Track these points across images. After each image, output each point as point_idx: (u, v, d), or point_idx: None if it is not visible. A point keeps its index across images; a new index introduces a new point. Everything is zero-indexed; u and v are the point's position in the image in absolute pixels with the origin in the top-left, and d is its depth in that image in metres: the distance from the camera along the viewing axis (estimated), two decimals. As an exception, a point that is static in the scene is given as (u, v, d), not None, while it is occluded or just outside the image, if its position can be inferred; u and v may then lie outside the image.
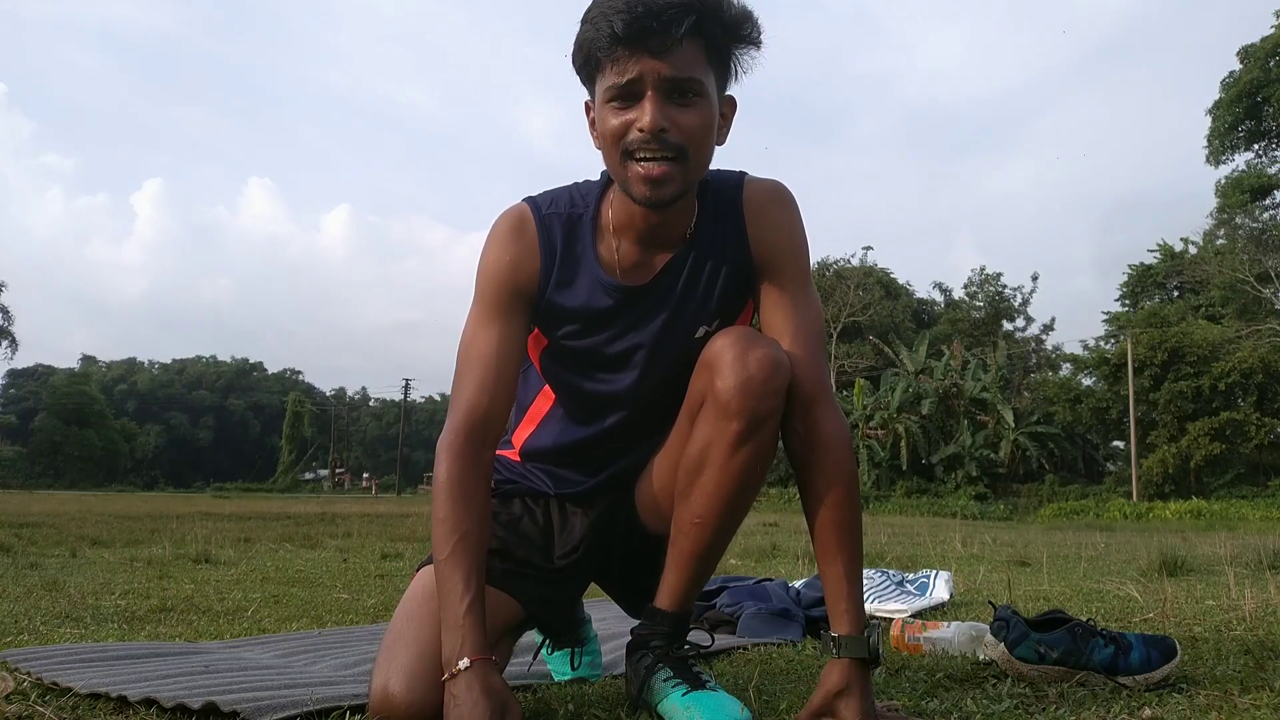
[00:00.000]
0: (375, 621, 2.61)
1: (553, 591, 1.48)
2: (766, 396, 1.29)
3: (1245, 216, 32.32)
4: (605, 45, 1.24)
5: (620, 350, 1.43)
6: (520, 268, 1.40)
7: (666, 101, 1.25)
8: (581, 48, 1.29)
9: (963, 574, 4.13)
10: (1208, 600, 3.02)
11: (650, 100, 1.25)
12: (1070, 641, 1.66)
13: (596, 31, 1.24)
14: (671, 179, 1.27)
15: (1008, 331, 38.29)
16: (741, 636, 2.28)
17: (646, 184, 1.27)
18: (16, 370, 70.77)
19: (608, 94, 1.27)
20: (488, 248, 1.42)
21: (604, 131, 1.29)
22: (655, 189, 1.27)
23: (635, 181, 1.28)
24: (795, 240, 1.44)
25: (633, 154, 1.27)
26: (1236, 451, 25.70)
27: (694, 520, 1.37)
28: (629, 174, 1.28)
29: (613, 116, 1.27)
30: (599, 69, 1.28)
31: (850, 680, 1.27)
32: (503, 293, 1.39)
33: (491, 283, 1.40)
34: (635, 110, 1.26)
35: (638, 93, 1.25)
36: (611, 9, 1.23)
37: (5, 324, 49.60)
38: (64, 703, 1.44)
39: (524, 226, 1.41)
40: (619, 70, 1.25)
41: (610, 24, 1.22)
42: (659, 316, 1.41)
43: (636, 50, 1.23)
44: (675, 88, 1.25)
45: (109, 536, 6.48)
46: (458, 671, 1.18)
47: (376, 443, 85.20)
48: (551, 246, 1.40)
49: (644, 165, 1.26)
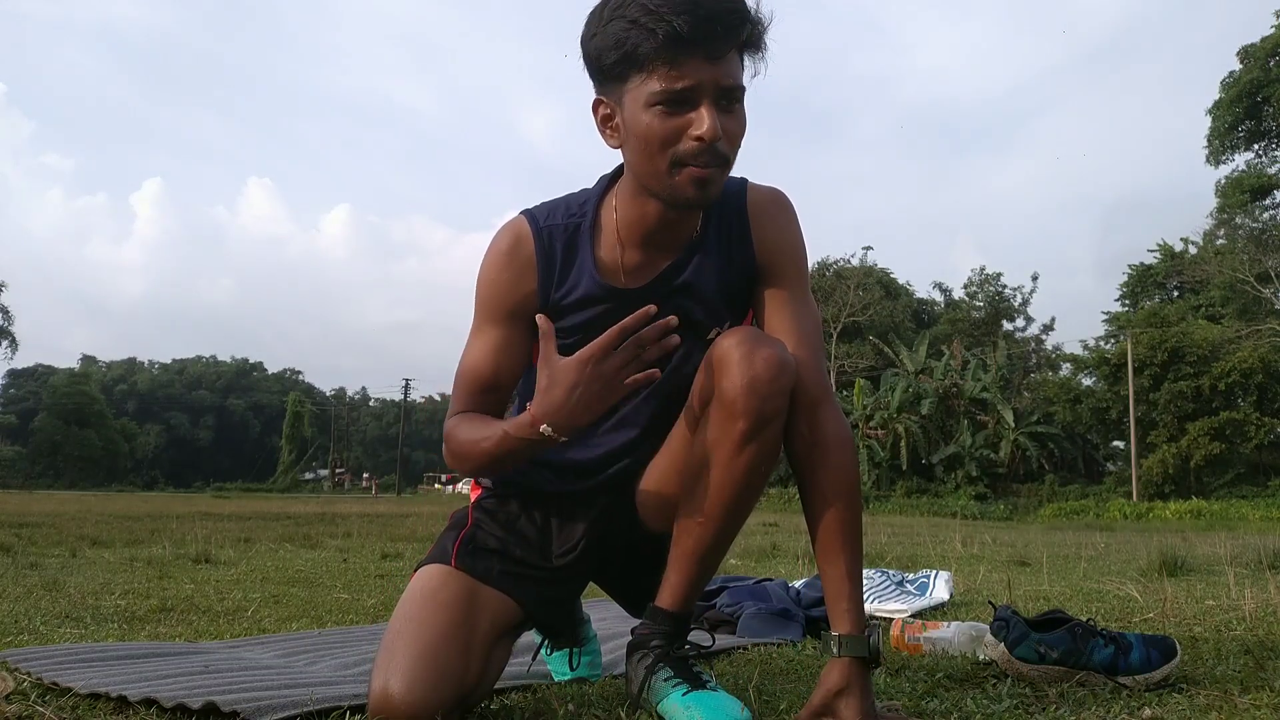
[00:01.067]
0: (375, 621, 2.61)
1: (551, 591, 1.48)
2: (773, 396, 1.29)
3: (1245, 216, 32.34)
4: (662, 46, 1.20)
5: None
6: (518, 285, 1.42)
7: (717, 109, 1.24)
8: (620, 45, 1.23)
9: (963, 574, 4.13)
10: (1208, 600, 3.02)
11: (708, 109, 1.23)
12: (1070, 641, 1.66)
13: (647, 31, 1.20)
14: (716, 181, 1.29)
15: (1008, 331, 38.31)
16: (741, 636, 2.28)
17: (697, 185, 1.27)
18: (16, 370, 70.91)
19: (655, 97, 1.23)
20: (485, 265, 1.44)
21: (647, 135, 1.26)
22: (704, 190, 1.28)
23: (685, 184, 1.27)
24: (797, 245, 1.45)
25: (684, 162, 1.26)
26: (1236, 451, 25.71)
27: (697, 519, 1.37)
28: (677, 178, 1.27)
29: (659, 120, 1.24)
30: (641, 69, 1.23)
31: (850, 679, 1.27)
32: (501, 310, 1.42)
33: (489, 300, 1.43)
34: (686, 116, 1.24)
35: (692, 100, 1.23)
36: (669, 8, 1.19)
37: (5, 324, 49.64)
38: (64, 703, 1.44)
39: (521, 243, 1.42)
40: (674, 75, 1.21)
41: (671, 24, 1.19)
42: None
43: (694, 54, 1.21)
44: (726, 95, 1.25)
45: (109, 536, 6.48)
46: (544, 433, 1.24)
47: (376, 443, 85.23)
48: (550, 259, 1.41)
49: (699, 169, 1.26)
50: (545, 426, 1.24)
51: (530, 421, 1.25)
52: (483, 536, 1.45)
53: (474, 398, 1.41)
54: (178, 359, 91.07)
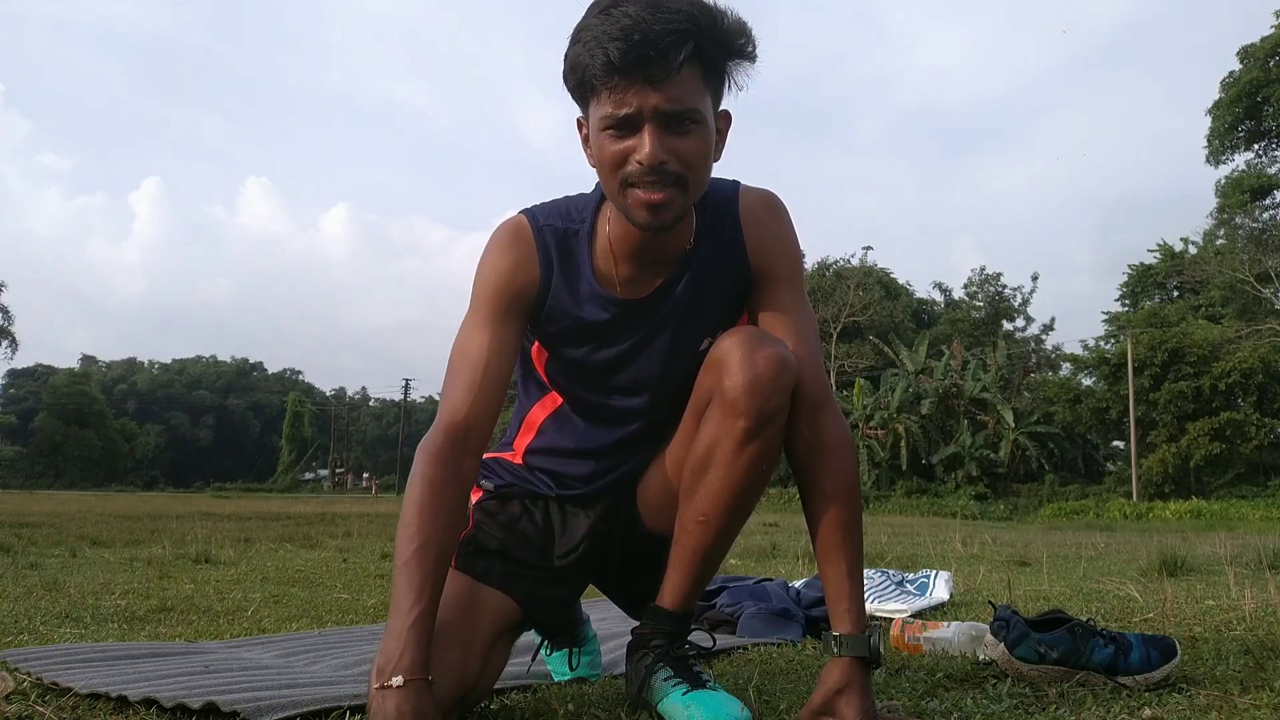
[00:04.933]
0: (375, 621, 2.61)
1: (552, 591, 1.48)
2: (774, 395, 1.29)
3: (1245, 216, 32.32)
4: (600, 73, 1.20)
5: (624, 365, 1.43)
6: (519, 275, 1.39)
7: (665, 131, 1.23)
8: (574, 70, 1.24)
9: (963, 574, 4.13)
10: (1208, 600, 3.02)
11: (649, 133, 1.22)
12: (1070, 641, 1.66)
13: (591, 57, 1.20)
14: (671, 204, 1.26)
15: (1008, 331, 38.27)
16: (741, 636, 2.28)
17: (646, 210, 1.26)
18: (16, 370, 70.95)
19: (604, 121, 1.24)
20: (486, 255, 1.41)
21: (601, 158, 1.27)
22: (655, 215, 1.26)
23: (635, 208, 1.27)
24: (791, 248, 1.45)
25: (631, 183, 1.25)
26: (1236, 451, 25.68)
27: (699, 518, 1.37)
28: (628, 200, 1.27)
29: (610, 144, 1.24)
30: (593, 93, 1.24)
31: (851, 679, 1.27)
32: (500, 299, 1.38)
33: (490, 288, 1.39)
34: (633, 139, 1.23)
35: (635, 124, 1.23)
36: (606, 35, 1.18)
37: (5, 324, 49.64)
38: (64, 703, 1.44)
39: (522, 236, 1.40)
40: (615, 100, 1.21)
41: (605, 51, 1.18)
42: (661, 331, 1.41)
43: (633, 80, 1.20)
44: (673, 119, 1.23)
45: (109, 536, 6.48)
46: (389, 686, 1.13)
47: (376, 443, 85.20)
48: (549, 258, 1.39)
49: (644, 192, 1.25)
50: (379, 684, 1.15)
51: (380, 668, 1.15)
52: (483, 537, 1.45)
53: (470, 390, 1.34)
54: (178, 359, 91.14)
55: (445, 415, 1.33)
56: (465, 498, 1.34)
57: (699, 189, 1.31)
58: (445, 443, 1.30)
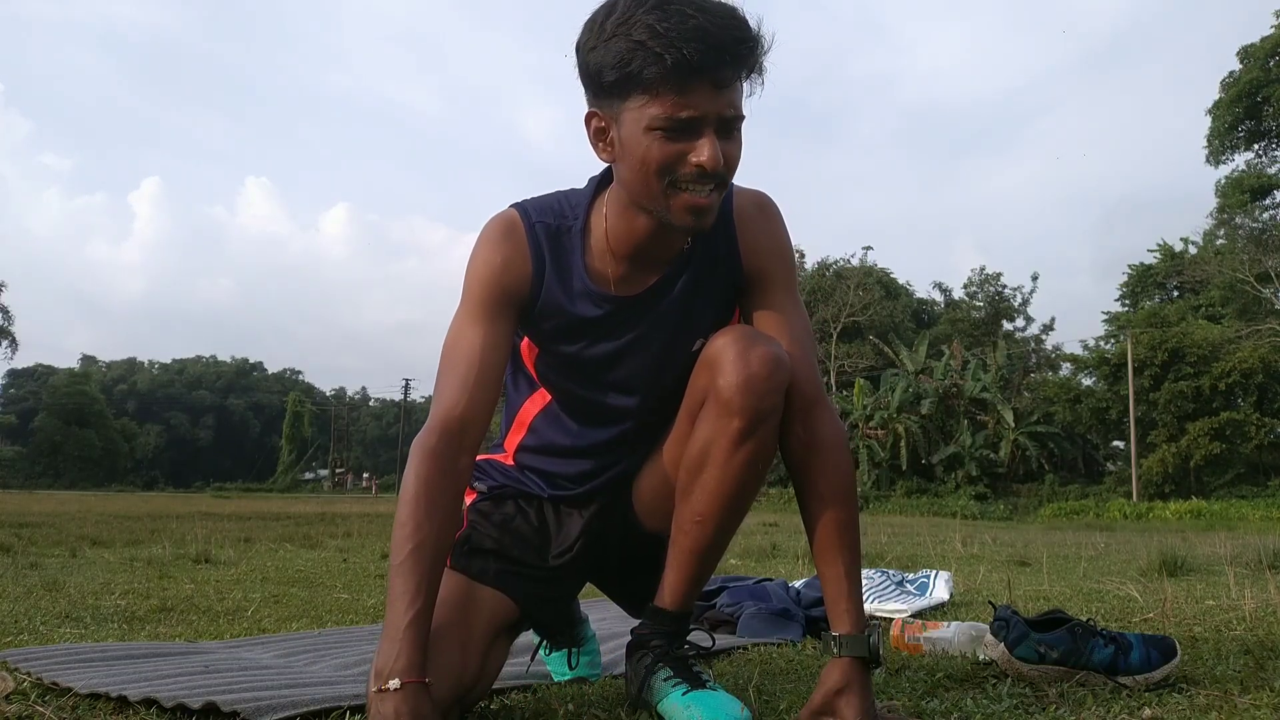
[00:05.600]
0: (375, 621, 2.61)
1: (548, 590, 1.48)
2: (768, 394, 1.29)
3: (1245, 216, 32.34)
4: (670, 73, 1.18)
5: (618, 361, 1.42)
6: (511, 269, 1.37)
7: (718, 136, 1.23)
8: (622, 63, 1.19)
9: (963, 574, 4.13)
10: (1208, 600, 3.02)
11: (710, 138, 1.21)
12: (1070, 641, 1.66)
13: (654, 55, 1.16)
14: (715, 207, 1.27)
15: (1008, 331, 38.27)
16: (741, 636, 2.28)
17: (693, 213, 1.25)
18: (16, 370, 70.99)
19: (658, 122, 1.21)
20: (478, 249, 1.40)
21: (645, 158, 1.23)
22: (700, 218, 1.26)
23: (680, 210, 1.26)
24: (784, 249, 1.45)
25: (680, 185, 1.24)
26: (1236, 451, 25.69)
27: (695, 518, 1.37)
28: (672, 203, 1.26)
29: (659, 145, 1.22)
30: (645, 91, 1.21)
31: (850, 679, 1.27)
32: (492, 293, 1.36)
33: (481, 283, 1.37)
34: (686, 143, 1.22)
35: (696, 129, 1.21)
36: (678, 35, 1.15)
37: (5, 324, 49.66)
38: (64, 703, 1.44)
39: (514, 230, 1.38)
40: (680, 103, 1.19)
41: (680, 52, 1.15)
42: (655, 330, 1.41)
43: (701, 83, 1.19)
44: (729, 124, 1.23)
45: (109, 536, 6.48)
46: (387, 689, 1.13)
47: (376, 443, 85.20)
48: (541, 254, 1.38)
49: (693, 194, 1.24)
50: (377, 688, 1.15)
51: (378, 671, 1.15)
52: (478, 537, 1.45)
53: (464, 387, 1.32)
54: (178, 359, 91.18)
55: (440, 412, 1.31)
56: (461, 496, 1.33)
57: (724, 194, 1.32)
58: (440, 440, 1.29)
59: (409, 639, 1.16)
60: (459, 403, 1.31)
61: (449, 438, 1.29)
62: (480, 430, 1.34)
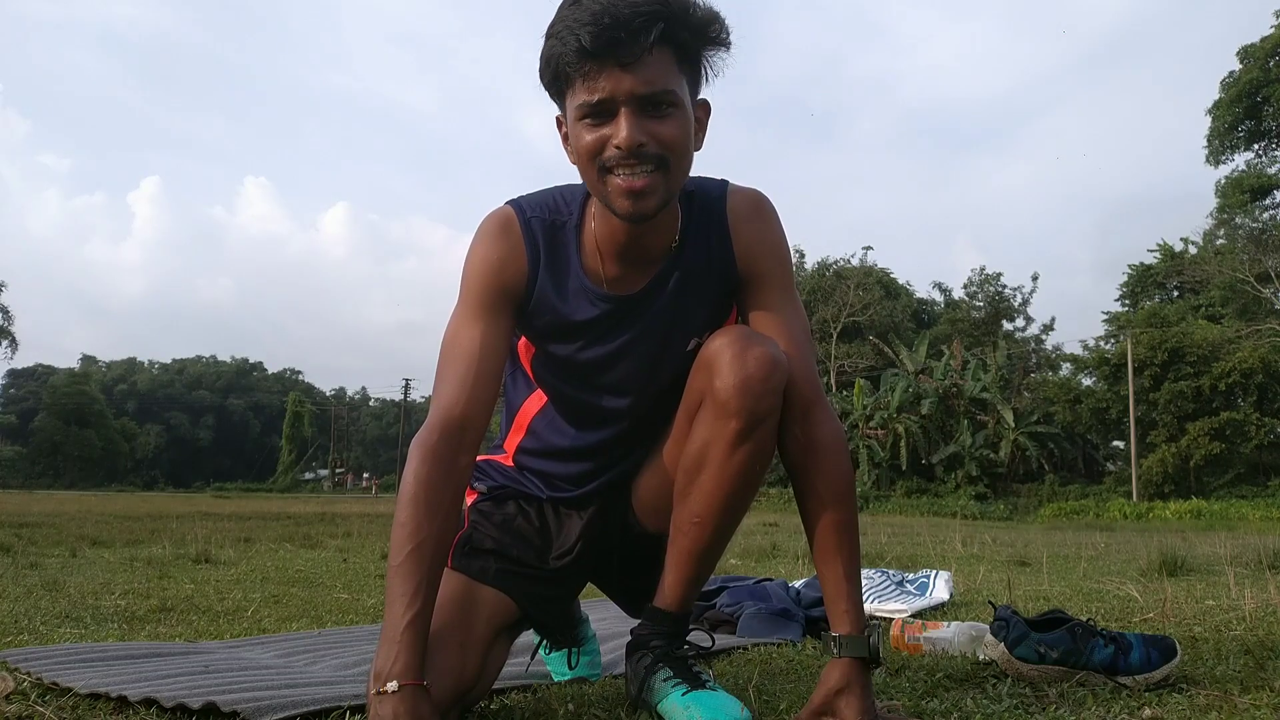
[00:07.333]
0: (375, 621, 2.61)
1: (548, 590, 1.48)
2: (766, 395, 1.29)
3: (1245, 216, 32.34)
4: (573, 60, 1.20)
5: (612, 363, 1.42)
6: (507, 266, 1.37)
7: (642, 115, 1.22)
8: (549, 63, 1.24)
9: (963, 574, 4.13)
10: (1208, 600, 3.02)
11: (625, 116, 1.21)
12: (1070, 641, 1.66)
13: (563, 46, 1.20)
14: (654, 190, 1.24)
15: (1008, 331, 38.26)
16: (741, 636, 2.28)
17: (628, 197, 1.24)
18: (16, 370, 70.96)
19: (580, 110, 1.23)
20: (474, 246, 1.39)
21: (579, 148, 1.25)
22: (638, 202, 1.24)
23: (616, 196, 1.25)
24: (780, 249, 1.44)
25: (610, 169, 1.24)
26: (1236, 451, 25.68)
27: (693, 519, 1.37)
28: (609, 189, 1.25)
29: (587, 133, 1.23)
30: (568, 84, 1.24)
31: (851, 679, 1.27)
32: (489, 290, 1.36)
33: (478, 280, 1.37)
34: (610, 126, 1.22)
35: (611, 110, 1.22)
36: (577, 22, 1.18)
37: (5, 324, 49.61)
38: (64, 703, 1.44)
39: (510, 227, 1.38)
40: (589, 87, 1.21)
41: (577, 38, 1.18)
42: (650, 330, 1.40)
43: (606, 64, 1.19)
44: (649, 101, 1.22)
45: (109, 536, 6.48)
46: (385, 691, 1.13)
47: (376, 443, 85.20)
48: (536, 251, 1.38)
49: (624, 178, 1.23)
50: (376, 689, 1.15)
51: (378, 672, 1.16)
52: (478, 537, 1.45)
53: (464, 385, 1.31)
54: (178, 359, 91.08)
55: (439, 410, 1.31)
56: (461, 496, 1.32)
57: (680, 176, 1.29)
58: (440, 439, 1.28)
59: (407, 641, 1.16)
60: (458, 401, 1.30)
61: (449, 437, 1.29)
62: (480, 429, 1.33)
